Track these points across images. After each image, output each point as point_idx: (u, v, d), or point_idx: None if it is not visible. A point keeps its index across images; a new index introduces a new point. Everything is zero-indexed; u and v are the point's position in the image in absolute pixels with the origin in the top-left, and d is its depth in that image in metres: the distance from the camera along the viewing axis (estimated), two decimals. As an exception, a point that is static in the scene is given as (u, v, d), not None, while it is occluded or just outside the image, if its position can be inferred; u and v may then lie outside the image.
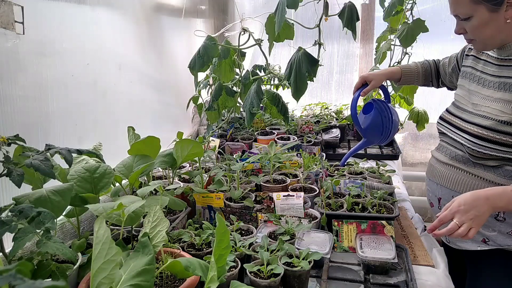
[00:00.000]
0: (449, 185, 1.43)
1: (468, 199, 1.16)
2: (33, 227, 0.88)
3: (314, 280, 1.24)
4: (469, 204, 1.15)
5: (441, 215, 1.19)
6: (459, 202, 1.17)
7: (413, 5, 2.32)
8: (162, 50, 2.23)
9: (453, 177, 1.42)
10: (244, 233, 1.38)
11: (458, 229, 1.13)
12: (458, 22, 1.31)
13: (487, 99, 1.33)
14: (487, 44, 1.31)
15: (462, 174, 1.39)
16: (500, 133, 1.25)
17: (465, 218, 1.14)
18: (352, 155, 1.69)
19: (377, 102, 1.59)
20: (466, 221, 1.13)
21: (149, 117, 2.11)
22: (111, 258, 0.76)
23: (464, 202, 1.16)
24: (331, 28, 3.15)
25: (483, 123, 1.30)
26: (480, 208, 1.14)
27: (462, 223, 1.14)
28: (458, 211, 1.15)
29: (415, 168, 3.22)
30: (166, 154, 1.52)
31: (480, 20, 1.23)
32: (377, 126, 1.55)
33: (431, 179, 1.54)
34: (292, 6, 1.48)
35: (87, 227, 1.40)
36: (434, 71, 1.71)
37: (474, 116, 1.35)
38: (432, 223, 1.20)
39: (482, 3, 1.20)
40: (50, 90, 1.34)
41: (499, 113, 1.27)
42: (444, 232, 1.15)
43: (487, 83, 1.35)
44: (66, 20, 1.42)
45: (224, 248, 0.86)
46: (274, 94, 1.77)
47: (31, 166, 0.91)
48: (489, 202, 1.15)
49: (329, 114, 2.89)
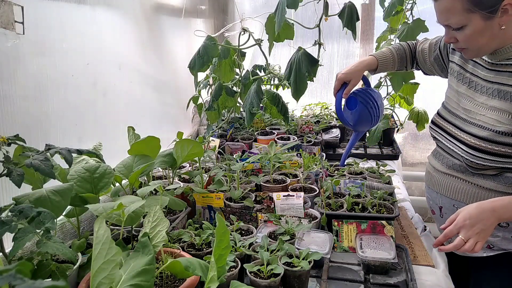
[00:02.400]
0: (449, 194, 1.40)
1: (473, 212, 1.12)
2: (33, 227, 0.88)
3: (314, 280, 1.24)
4: (474, 218, 1.11)
5: (446, 230, 1.15)
6: (464, 216, 1.13)
7: (413, 5, 2.32)
8: (162, 50, 2.23)
9: (453, 186, 1.38)
10: (244, 233, 1.38)
11: (464, 244, 1.11)
12: (448, 32, 1.25)
13: (481, 107, 1.27)
14: (481, 52, 1.26)
15: (461, 183, 1.35)
16: (498, 144, 1.21)
17: (471, 233, 1.10)
18: (350, 153, 1.66)
19: (359, 95, 1.53)
20: (472, 236, 1.10)
21: (149, 117, 2.11)
22: (111, 258, 0.76)
23: (469, 216, 1.12)
24: (331, 28, 3.15)
25: (479, 134, 1.25)
26: (486, 221, 1.11)
27: (468, 238, 1.10)
28: (464, 226, 1.12)
29: (415, 168, 3.22)
30: (166, 154, 1.52)
31: (474, 28, 1.17)
32: (365, 117, 1.52)
33: (430, 187, 1.50)
34: (292, 6, 1.48)
35: (87, 227, 1.40)
36: (410, 57, 1.62)
37: (469, 125, 1.30)
38: (437, 238, 1.18)
39: (476, 12, 1.13)
40: (50, 90, 1.34)
41: (496, 123, 1.22)
42: (450, 247, 1.12)
43: (479, 88, 1.29)
44: (66, 20, 1.42)
45: (224, 248, 0.86)
46: (274, 94, 1.77)
47: (31, 166, 0.91)
48: (496, 215, 1.11)
49: (329, 114, 2.89)
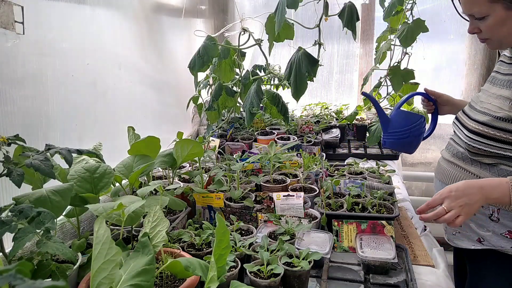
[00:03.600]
0: (449, 182, 1.42)
1: (461, 186, 1.15)
2: (33, 227, 0.88)
3: (314, 280, 1.24)
4: (461, 191, 1.13)
5: (430, 199, 1.17)
6: (451, 188, 1.15)
7: (413, 5, 2.31)
8: (162, 50, 2.23)
9: (453, 174, 1.42)
10: (244, 233, 1.38)
11: (445, 214, 1.12)
12: (472, 22, 1.27)
13: (491, 96, 1.32)
14: (503, 42, 1.29)
15: (460, 172, 1.39)
16: (495, 129, 1.24)
17: (455, 204, 1.12)
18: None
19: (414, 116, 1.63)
20: (455, 208, 1.11)
21: (149, 117, 2.11)
22: (111, 258, 0.76)
23: (456, 189, 1.14)
24: (331, 28, 3.15)
25: (480, 119, 1.30)
26: (473, 196, 1.12)
27: (450, 209, 1.12)
28: (449, 196, 1.14)
29: (415, 168, 3.22)
30: (166, 154, 1.52)
31: (496, 18, 1.19)
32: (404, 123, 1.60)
33: (437, 177, 1.54)
34: (292, 6, 1.48)
35: (87, 227, 1.40)
36: None
37: (476, 113, 1.35)
38: (420, 206, 1.19)
39: (499, 2, 1.16)
40: (50, 90, 1.34)
41: (497, 109, 1.26)
42: (431, 216, 1.14)
43: (496, 81, 1.34)
44: (66, 20, 1.42)
45: (224, 248, 0.86)
46: (274, 94, 1.77)
47: (31, 166, 0.91)
48: (483, 192, 1.13)
49: (329, 114, 2.89)
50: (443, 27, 2.91)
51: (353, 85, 3.28)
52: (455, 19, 2.71)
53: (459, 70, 2.98)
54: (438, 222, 1.15)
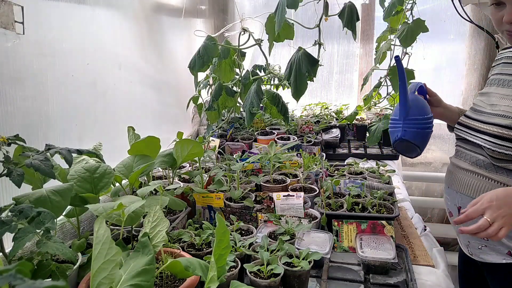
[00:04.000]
0: (470, 192, 1.31)
1: (501, 194, 1.05)
2: (33, 227, 0.88)
3: (314, 280, 1.24)
4: (501, 200, 1.03)
5: (470, 210, 1.07)
6: (491, 197, 1.05)
7: (413, 5, 2.32)
8: (162, 50, 2.23)
9: (474, 184, 1.30)
10: (244, 233, 1.38)
11: (488, 227, 1.01)
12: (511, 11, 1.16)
13: (505, 98, 1.24)
14: None
15: (484, 181, 1.27)
16: None
17: (497, 215, 1.01)
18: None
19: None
20: (498, 219, 1.01)
21: (149, 117, 2.11)
22: (111, 258, 0.76)
23: (496, 198, 1.04)
24: (331, 28, 3.15)
25: (502, 123, 1.20)
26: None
27: (494, 220, 1.01)
28: (490, 206, 1.03)
29: (415, 168, 3.22)
30: (166, 154, 1.52)
31: None
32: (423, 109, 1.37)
33: (450, 186, 1.42)
34: (292, 6, 1.48)
35: (87, 227, 1.40)
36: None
37: (492, 117, 1.25)
38: (458, 217, 1.09)
39: None
40: (50, 90, 1.35)
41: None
42: (473, 228, 1.03)
43: (506, 83, 1.28)
44: (66, 20, 1.42)
45: (224, 248, 0.86)
46: (274, 94, 1.77)
47: (31, 166, 0.91)
48: None
49: (329, 114, 2.89)
50: (443, 27, 2.91)
51: (353, 85, 3.29)
52: (455, 19, 2.70)
53: (459, 70, 2.98)
54: (480, 236, 1.04)
